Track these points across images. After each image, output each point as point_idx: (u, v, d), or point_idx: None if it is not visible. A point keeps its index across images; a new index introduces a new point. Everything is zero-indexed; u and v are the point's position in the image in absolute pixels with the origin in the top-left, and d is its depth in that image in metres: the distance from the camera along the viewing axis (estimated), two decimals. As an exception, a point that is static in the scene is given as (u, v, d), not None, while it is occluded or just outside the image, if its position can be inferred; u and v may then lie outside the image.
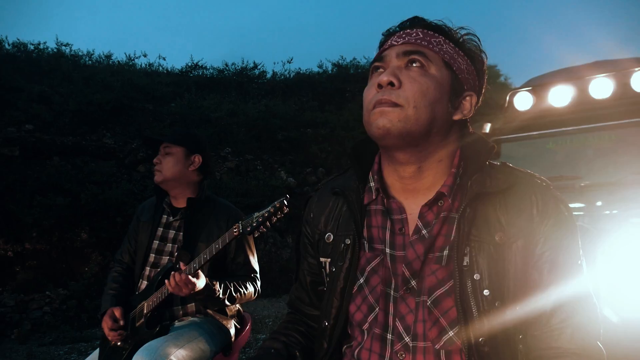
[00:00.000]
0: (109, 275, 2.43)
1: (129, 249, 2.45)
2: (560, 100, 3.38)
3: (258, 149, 10.66)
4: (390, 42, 1.12)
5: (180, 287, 1.95)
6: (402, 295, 1.08)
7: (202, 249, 2.16)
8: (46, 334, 6.04)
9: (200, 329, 2.16)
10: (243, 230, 1.90)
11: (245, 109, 11.24)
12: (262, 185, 9.30)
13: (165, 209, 2.38)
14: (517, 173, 1.12)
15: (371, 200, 1.17)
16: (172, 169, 2.28)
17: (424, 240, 1.08)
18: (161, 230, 2.35)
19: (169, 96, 11.20)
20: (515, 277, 1.03)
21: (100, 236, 7.77)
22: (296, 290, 1.36)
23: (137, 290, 2.30)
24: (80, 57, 12.10)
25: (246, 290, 2.23)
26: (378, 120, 1.04)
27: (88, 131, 9.18)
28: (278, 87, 13.50)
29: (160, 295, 2.10)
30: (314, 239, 1.27)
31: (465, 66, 1.11)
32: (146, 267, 2.30)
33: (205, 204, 2.35)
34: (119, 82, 10.33)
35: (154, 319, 2.15)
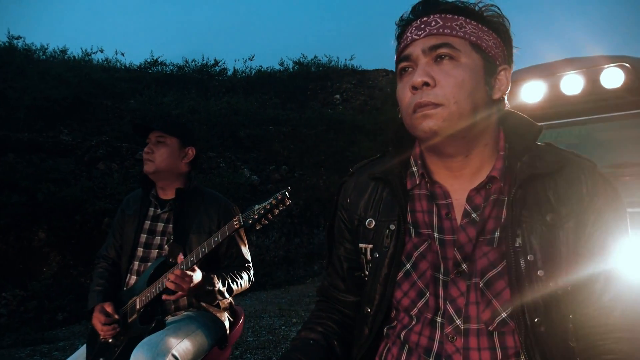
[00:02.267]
0: (94, 272, 2.35)
1: (115, 243, 2.37)
2: (532, 96, 3.47)
3: (220, 146, 10.56)
4: (411, 36, 1.08)
5: (180, 284, 1.92)
6: (452, 278, 1.07)
7: (193, 240, 2.15)
8: (5, 336, 5.82)
9: (197, 322, 2.13)
10: (244, 222, 1.87)
11: (206, 106, 11.12)
12: (225, 183, 9.21)
13: (152, 201, 2.32)
14: (565, 154, 1.12)
15: (414, 185, 1.16)
16: (166, 160, 2.23)
17: (475, 223, 1.07)
18: (148, 223, 2.29)
19: (128, 92, 10.96)
20: (567, 257, 1.03)
21: (59, 235, 7.53)
22: (329, 277, 1.33)
23: (125, 286, 2.23)
24: (34, 51, 11.69)
25: (242, 280, 2.20)
26: (423, 124, 1.03)
27: (44, 127, 8.88)
28: (239, 84, 13.41)
29: (154, 290, 2.05)
30: (352, 224, 1.25)
31: (492, 41, 1.09)
32: (134, 262, 2.24)
33: (193, 195, 2.30)
34: (76, 77, 10.05)
35: (147, 315, 2.10)
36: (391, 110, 12.42)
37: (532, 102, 3.46)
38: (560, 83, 3.31)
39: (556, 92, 3.35)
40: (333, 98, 14.04)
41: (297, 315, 5.86)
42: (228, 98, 11.90)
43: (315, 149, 11.23)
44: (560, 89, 3.32)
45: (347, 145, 11.48)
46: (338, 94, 14.12)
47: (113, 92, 10.65)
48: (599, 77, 3.15)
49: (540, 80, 3.43)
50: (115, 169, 8.62)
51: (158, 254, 2.21)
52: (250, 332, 5.24)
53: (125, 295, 2.18)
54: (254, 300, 6.95)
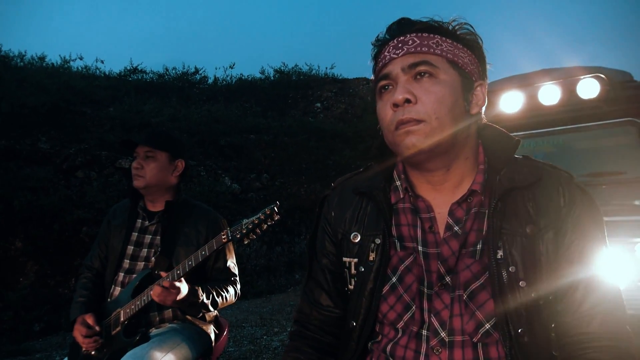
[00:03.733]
0: (78, 282, 2.32)
1: (100, 254, 2.34)
2: (511, 106, 3.53)
3: (201, 154, 10.52)
4: (389, 55, 1.11)
5: (166, 295, 1.91)
6: (436, 291, 1.09)
7: (181, 253, 2.13)
8: (-21, 348, 5.71)
9: (181, 334, 2.11)
10: (232, 237, 1.87)
11: (187, 114, 11.08)
12: (206, 191, 9.18)
13: (140, 212, 2.30)
14: (542, 166, 1.15)
15: (398, 199, 1.19)
16: (157, 174, 2.21)
17: (458, 236, 1.10)
18: (136, 235, 2.26)
19: (108, 100, 10.87)
20: (547, 267, 1.06)
21: (36, 244, 7.41)
22: (310, 293, 1.31)
23: (109, 297, 2.21)
24: (12, 58, 11.52)
25: (228, 294, 2.19)
26: (406, 140, 1.05)
27: (22, 135, 8.75)
28: (220, 92, 13.39)
29: (139, 303, 2.02)
30: (336, 238, 1.25)
31: (467, 58, 1.12)
32: (119, 273, 2.21)
33: (182, 208, 2.29)
34: (55, 84, 9.93)
35: (131, 327, 2.08)
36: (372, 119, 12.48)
37: (511, 112, 3.53)
38: (538, 93, 3.38)
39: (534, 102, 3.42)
40: (314, 106, 14.08)
41: (278, 325, 5.84)
42: (209, 106, 11.86)
43: (296, 157, 11.24)
44: (538, 99, 3.39)
45: (328, 153, 11.52)
46: (319, 102, 14.16)
47: (92, 100, 10.55)
48: (575, 88, 3.23)
49: (518, 90, 3.50)
50: (94, 178, 8.53)
51: (145, 266, 2.18)
52: (231, 342, 5.21)
53: (109, 307, 2.16)
54: (235, 309, 6.91)
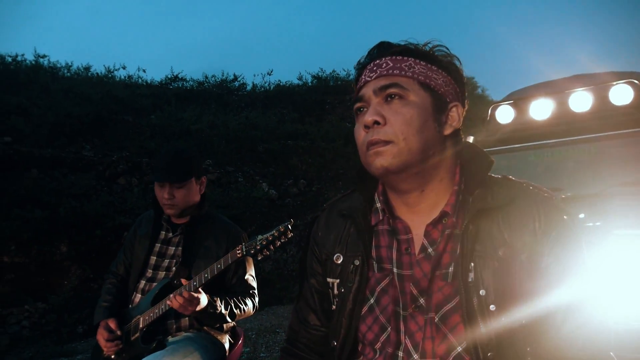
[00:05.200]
0: (103, 287, 2.41)
1: (125, 261, 2.43)
2: (540, 114, 3.46)
3: (239, 160, 10.67)
4: (364, 78, 1.15)
5: (185, 305, 1.96)
6: (411, 313, 1.10)
7: (201, 265, 2.18)
8: (25, 348, 5.94)
9: (195, 343, 2.15)
10: (246, 252, 1.91)
11: (225, 120, 11.25)
12: (243, 197, 9.30)
13: (163, 224, 2.36)
14: (519, 186, 1.14)
15: (378, 220, 1.20)
16: (187, 199, 2.27)
17: (430, 258, 1.10)
18: (159, 246, 2.33)
19: (149, 108, 11.16)
20: (521, 291, 1.04)
21: (80, 249, 7.67)
22: (300, 311, 1.34)
23: (131, 303, 2.28)
24: (59, 69, 11.99)
25: (246, 306, 2.23)
26: (375, 161, 1.08)
27: (67, 143, 9.09)
28: (258, 99, 13.54)
29: (157, 311, 2.09)
30: (321, 258, 1.29)
31: (442, 79, 1.13)
32: (141, 281, 2.29)
33: (205, 221, 2.34)
34: (98, 94, 10.27)
35: (149, 334, 2.14)
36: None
37: (541, 119, 3.46)
38: (569, 100, 3.30)
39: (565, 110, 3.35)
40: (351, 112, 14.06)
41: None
42: (247, 113, 12.02)
43: (333, 163, 11.27)
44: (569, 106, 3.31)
45: (365, 159, 11.46)
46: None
47: (134, 108, 10.86)
48: (607, 94, 3.14)
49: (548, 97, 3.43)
50: (135, 184, 8.77)
51: (166, 276, 2.25)
52: (264, 347, 5.26)
53: (130, 313, 2.23)
54: (270, 314, 6.97)
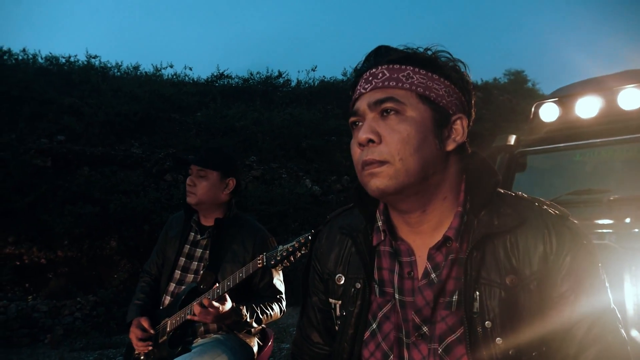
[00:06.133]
0: (138, 285, 2.46)
1: (157, 261, 2.46)
2: (587, 112, 3.31)
3: (283, 157, 10.76)
4: (359, 89, 1.05)
5: (205, 315, 1.99)
6: (414, 341, 1.03)
7: (227, 269, 2.19)
8: (77, 339, 6.20)
9: (223, 345, 2.16)
10: (267, 263, 1.91)
11: (270, 117, 11.35)
12: (287, 193, 9.37)
13: (193, 226, 2.39)
14: (529, 206, 1.04)
15: (380, 241, 1.11)
16: (208, 192, 2.28)
17: (433, 285, 1.02)
18: (188, 247, 2.36)
19: (195, 106, 11.39)
20: (531, 322, 0.96)
21: (129, 244, 7.94)
22: (303, 329, 1.29)
23: (161, 305, 2.32)
24: (109, 68, 12.38)
25: (272, 311, 2.23)
26: (370, 182, 1.00)
27: (116, 141, 9.39)
28: (302, 95, 13.60)
29: (183, 316, 2.12)
30: (322, 277, 1.22)
31: (444, 89, 1.02)
32: (171, 283, 2.31)
33: (232, 224, 2.35)
34: (146, 93, 10.55)
35: (177, 338, 2.17)
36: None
37: (588, 117, 3.32)
38: (618, 97, 3.15)
39: (613, 107, 3.19)
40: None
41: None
42: (291, 109, 12.09)
43: (376, 158, 11.20)
44: (617, 103, 3.16)
45: (409, 154, 11.36)
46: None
47: (180, 106, 11.10)
48: None
49: (596, 94, 3.28)
50: (181, 181, 8.97)
51: (194, 279, 2.27)
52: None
53: (160, 315, 2.26)
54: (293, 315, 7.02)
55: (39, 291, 7.22)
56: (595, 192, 3.14)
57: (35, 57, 11.69)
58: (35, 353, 5.64)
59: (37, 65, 11.43)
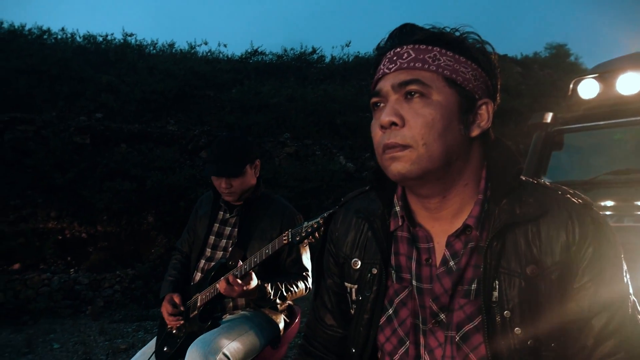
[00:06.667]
0: (170, 262, 2.54)
1: (188, 239, 2.53)
2: (629, 88, 3.17)
3: (317, 133, 10.74)
4: (383, 69, 1.02)
5: (230, 291, 2.04)
6: (431, 328, 1.03)
7: (255, 246, 2.23)
8: (116, 311, 6.41)
9: (251, 322, 2.22)
10: (292, 239, 1.92)
11: (303, 94, 11.32)
12: (320, 170, 9.37)
13: (222, 205, 2.43)
14: (552, 195, 1.01)
15: (397, 226, 1.10)
16: (244, 185, 2.32)
17: (452, 273, 1.01)
18: (217, 226, 2.41)
19: (230, 83, 11.43)
20: (550, 312, 0.95)
21: (165, 220, 8.09)
22: (317, 311, 1.28)
23: (192, 281, 2.38)
24: (145, 46, 12.50)
25: (297, 289, 2.26)
26: (391, 166, 0.97)
27: (152, 118, 9.54)
28: (337, 71, 13.50)
29: (212, 291, 2.17)
30: (338, 260, 1.21)
31: (471, 73, 0.99)
32: (201, 260, 2.37)
33: (261, 202, 2.38)
34: (181, 70, 10.64)
35: (207, 313, 2.23)
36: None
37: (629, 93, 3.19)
38: None
39: None
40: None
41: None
42: (325, 85, 12.03)
43: (411, 135, 11.09)
44: None
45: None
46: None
47: (215, 83, 11.17)
48: None
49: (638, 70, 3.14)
50: (216, 158, 9.08)
51: (223, 256, 2.32)
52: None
53: (191, 291, 2.32)
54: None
55: (80, 264, 7.46)
56: (636, 172, 3.03)
57: (73, 36, 11.91)
58: (77, 324, 5.85)
59: (75, 44, 11.63)
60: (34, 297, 6.27)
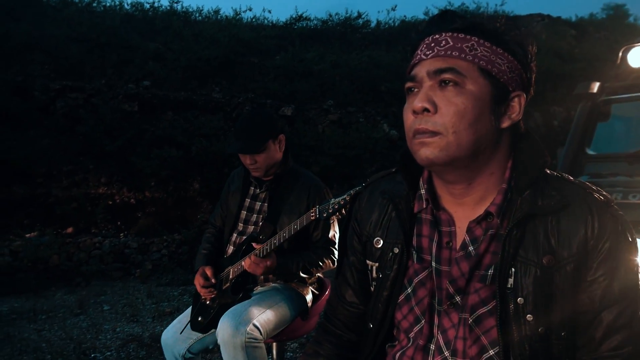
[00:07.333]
0: (204, 236, 2.63)
1: (221, 214, 2.61)
2: None
3: (360, 100, 10.62)
4: (420, 54, 1.03)
5: (254, 268, 2.13)
6: (445, 309, 1.07)
7: (285, 220, 2.29)
8: (163, 275, 6.64)
9: (281, 294, 2.31)
10: (319, 215, 1.96)
11: (347, 60, 11.17)
12: (364, 137, 9.31)
13: (252, 181, 2.49)
14: (575, 189, 1.03)
15: (421, 208, 1.13)
16: (269, 160, 2.34)
17: (470, 257, 1.05)
18: (248, 201, 2.48)
19: (274, 49, 11.39)
20: (562, 302, 0.99)
21: (210, 186, 8.25)
22: (338, 287, 1.32)
23: (225, 254, 2.46)
24: (191, 13, 12.55)
25: (323, 263, 2.31)
26: (420, 151, 1.00)
27: (198, 86, 9.64)
28: (382, 36, 13.25)
29: (242, 265, 2.24)
30: (361, 238, 1.25)
31: (506, 65, 1.00)
32: (234, 234, 2.45)
33: (289, 177, 2.42)
34: (226, 37, 10.65)
35: (238, 285, 2.31)
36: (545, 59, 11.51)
37: None
38: None
39: None
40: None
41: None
42: (369, 51, 11.83)
43: (458, 102, 10.85)
44: None
45: (492, 97, 10.91)
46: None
47: (259, 50, 11.14)
48: None
49: None
50: (259, 125, 9.14)
51: (254, 230, 2.39)
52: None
53: (224, 263, 2.40)
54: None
55: (129, 229, 7.74)
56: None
57: (121, 4, 12.06)
58: (126, 286, 6.11)
59: (123, 12, 11.79)
60: (86, 260, 6.58)
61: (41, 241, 6.56)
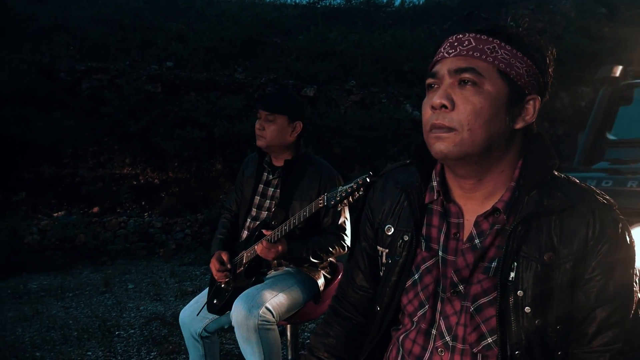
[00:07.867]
0: (220, 221, 2.69)
1: (236, 199, 2.66)
2: None
3: (383, 81, 10.53)
4: (443, 52, 1.08)
5: (266, 253, 2.20)
6: (449, 297, 1.13)
7: (296, 206, 2.33)
8: (186, 254, 6.77)
9: (294, 278, 2.36)
10: (327, 203, 2.01)
11: (370, 40, 11.05)
12: (386, 118, 9.25)
13: (265, 167, 2.52)
14: (580, 192, 1.09)
15: (432, 199, 1.19)
16: (276, 136, 2.37)
17: (476, 250, 1.10)
18: (262, 187, 2.51)
19: (297, 29, 11.33)
20: (559, 298, 1.04)
21: (232, 167, 8.32)
22: (350, 271, 1.38)
23: (239, 239, 2.51)
24: (213, -7, 12.54)
25: (333, 249, 2.35)
26: (435, 145, 1.05)
27: (220, 67, 9.67)
28: (406, 15, 13.03)
29: (255, 250, 2.29)
30: (373, 225, 1.31)
31: (525, 69, 1.05)
32: (247, 219, 2.50)
33: (301, 164, 2.45)
34: (249, 17, 10.63)
35: (252, 269, 2.37)
36: (573, 38, 11.22)
37: None
38: None
39: None
40: (507, 26, 13.02)
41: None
42: (393, 31, 11.66)
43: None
44: None
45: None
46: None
47: (282, 30, 11.10)
48: None
49: None
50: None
51: (267, 215, 2.44)
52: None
53: (239, 248, 2.45)
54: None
55: (153, 209, 7.87)
56: None
57: (145, -16, 12.09)
58: (150, 265, 6.25)
59: (146, -7, 11.83)
60: (111, 239, 6.72)
61: (68, 220, 6.72)
